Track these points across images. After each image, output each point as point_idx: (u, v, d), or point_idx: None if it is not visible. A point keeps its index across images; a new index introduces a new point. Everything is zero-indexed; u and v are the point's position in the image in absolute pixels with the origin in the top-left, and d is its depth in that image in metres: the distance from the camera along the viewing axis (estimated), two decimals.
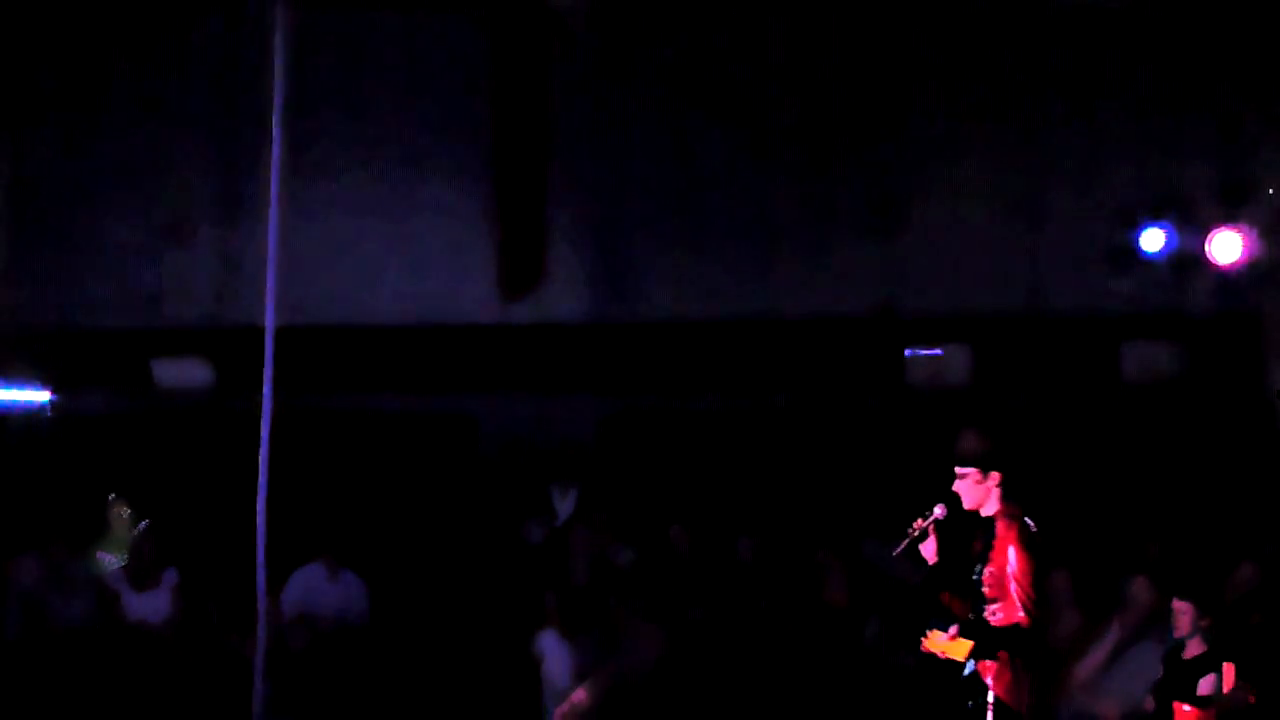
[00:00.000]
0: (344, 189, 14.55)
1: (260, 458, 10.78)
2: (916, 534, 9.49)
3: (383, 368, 14.72)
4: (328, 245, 14.41)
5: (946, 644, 9.39)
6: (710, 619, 12.83)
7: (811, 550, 13.24)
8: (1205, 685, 10.78)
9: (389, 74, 14.69)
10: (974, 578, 9.43)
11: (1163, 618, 11.26)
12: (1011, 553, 9.30)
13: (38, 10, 14.49)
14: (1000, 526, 9.38)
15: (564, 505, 14.47)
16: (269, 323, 10.89)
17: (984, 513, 9.45)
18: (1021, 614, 9.26)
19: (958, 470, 9.44)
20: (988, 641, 9.30)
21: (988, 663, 9.34)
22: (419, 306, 14.66)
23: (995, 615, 9.36)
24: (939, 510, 9.49)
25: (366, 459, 14.80)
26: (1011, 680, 9.31)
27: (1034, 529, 9.37)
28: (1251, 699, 10.76)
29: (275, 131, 10.89)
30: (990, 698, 9.31)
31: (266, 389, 10.81)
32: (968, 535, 9.49)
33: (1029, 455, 9.58)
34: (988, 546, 9.40)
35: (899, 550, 9.57)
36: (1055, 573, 11.27)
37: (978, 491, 9.43)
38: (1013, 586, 9.30)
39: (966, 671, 9.45)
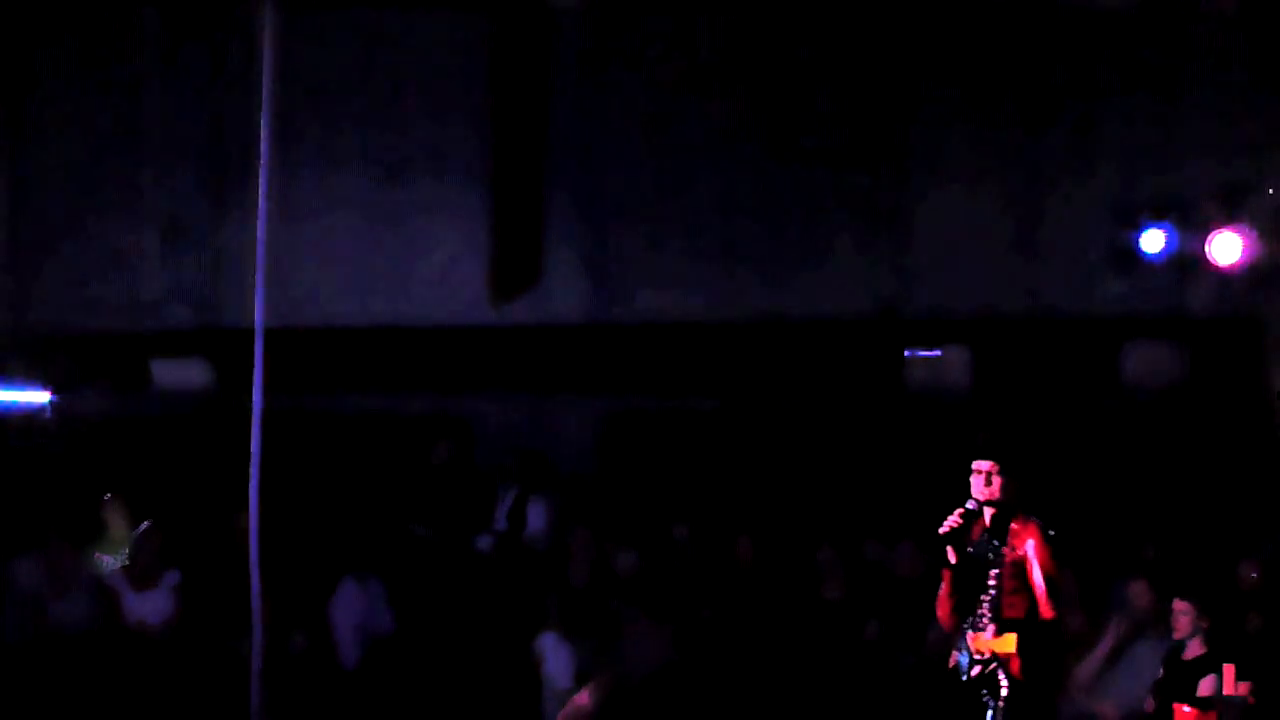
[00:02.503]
0: (340, 189, 14.54)
1: (251, 459, 10.79)
2: (957, 528, 9.66)
3: (379, 369, 14.70)
4: (323, 245, 14.41)
5: (992, 641, 9.54)
6: (710, 619, 12.82)
7: (811, 550, 13.24)
8: (1205, 686, 10.79)
9: (385, 72, 14.68)
10: (990, 555, 9.58)
11: (1163, 618, 11.27)
12: (1031, 545, 9.48)
13: (37, 13, 14.50)
14: (1016, 521, 9.55)
15: (501, 510, 14.38)
16: (258, 324, 10.89)
17: (998, 504, 9.68)
18: (1046, 607, 9.42)
19: (977, 466, 9.67)
20: (1029, 635, 9.51)
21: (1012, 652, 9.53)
22: (415, 307, 14.65)
23: (1012, 607, 9.53)
24: (972, 502, 9.74)
25: (365, 461, 14.79)
26: (1024, 668, 9.44)
27: (1051, 533, 9.57)
28: (1251, 700, 10.77)
29: (263, 131, 10.90)
30: (1004, 681, 9.46)
31: (257, 390, 10.82)
32: (1000, 528, 9.69)
33: (1029, 457, 9.64)
34: (1003, 529, 9.56)
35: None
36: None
37: (994, 486, 9.64)
38: (1036, 576, 9.47)
39: (964, 676, 9.57)
